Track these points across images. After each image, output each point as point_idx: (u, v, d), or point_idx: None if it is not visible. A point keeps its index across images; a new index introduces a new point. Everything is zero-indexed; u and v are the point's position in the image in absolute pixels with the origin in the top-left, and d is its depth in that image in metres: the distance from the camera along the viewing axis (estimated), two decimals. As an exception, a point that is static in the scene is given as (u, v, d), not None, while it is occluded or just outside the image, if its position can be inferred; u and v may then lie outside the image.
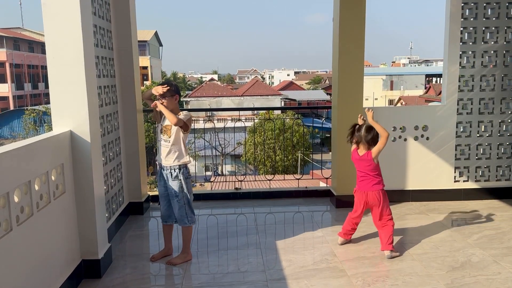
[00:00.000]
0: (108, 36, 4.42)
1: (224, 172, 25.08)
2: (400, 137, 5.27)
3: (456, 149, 5.31)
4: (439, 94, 30.82)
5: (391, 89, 50.84)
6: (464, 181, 5.36)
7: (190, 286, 3.34)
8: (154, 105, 3.61)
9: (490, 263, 3.61)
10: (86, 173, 3.32)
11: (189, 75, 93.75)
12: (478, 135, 5.31)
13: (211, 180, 14.49)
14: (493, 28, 5.16)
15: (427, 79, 52.15)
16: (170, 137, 3.63)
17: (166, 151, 3.65)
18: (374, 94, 45.73)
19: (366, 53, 4.98)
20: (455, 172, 5.34)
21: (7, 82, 41.59)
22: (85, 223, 3.38)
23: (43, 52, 42.81)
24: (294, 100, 44.36)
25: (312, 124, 21.03)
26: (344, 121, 4.96)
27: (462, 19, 5.13)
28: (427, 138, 5.27)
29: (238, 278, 3.42)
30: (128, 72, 4.80)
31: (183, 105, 32.07)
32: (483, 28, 5.16)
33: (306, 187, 5.89)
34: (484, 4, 5.12)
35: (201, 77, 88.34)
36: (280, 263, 3.68)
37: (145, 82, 41.39)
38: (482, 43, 5.18)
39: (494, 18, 5.14)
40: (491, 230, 4.34)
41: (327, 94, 47.41)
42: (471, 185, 5.37)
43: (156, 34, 51.31)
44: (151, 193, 5.43)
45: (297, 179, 6.55)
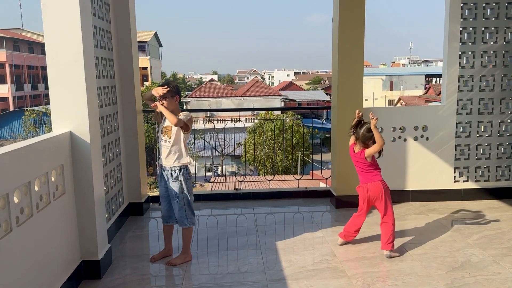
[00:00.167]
0: (108, 37, 4.43)
1: (224, 173, 25.08)
2: (400, 137, 5.27)
3: (455, 149, 5.31)
4: (438, 94, 30.80)
5: (391, 89, 50.85)
6: (464, 181, 5.37)
7: (190, 287, 3.34)
8: (155, 105, 3.62)
9: (490, 263, 3.61)
10: (86, 173, 3.32)
11: (189, 76, 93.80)
12: (477, 135, 5.32)
13: (211, 180, 14.48)
14: (493, 28, 5.16)
15: (427, 79, 52.16)
16: (170, 138, 3.63)
17: (166, 152, 3.65)
18: (374, 94, 45.74)
19: (366, 53, 4.99)
20: (454, 172, 5.34)
21: (7, 83, 41.58)
22: (85, 224, 3.38)
23: (43, 53, 42.85)
24: (294, 100, 44.36)
25: (312, 125, 21.03)
26: (344, 121, 4.97)
27: (461, 19, 5.13)
28: (427, 139, 5.28)
29: (238, 279, 3.42)
30: (127, 73, 4.80)
31: (183, 106, 32.06)
32: (483, 28, 5.17)
33: (306, 187, 5.89)
34: (484, 5, 5.12)
35: (201, 78, 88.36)
36: (280, 263, 3.68)
37: (145, 82, 41.38)
38: (482, 43, 5.19)
39: (493, 18, 5.15)
40: (491, 230, 4.34)
41: (327, 94, 47.42)
42: (471, 185, 5.37)
43: (155, 34, 51.30)
44: (151, 194, 5.43)
45: (297, 179, 6.54)
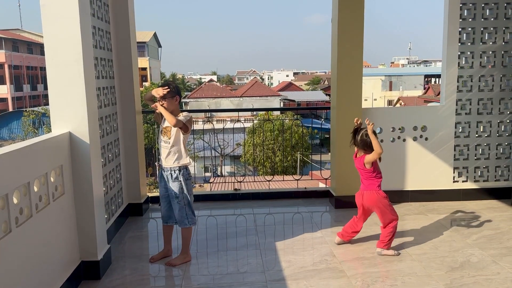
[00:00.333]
0: (107, 37, 4.43)
1: (223, 173, 25.07)
2: (399, 137, 5.27)
3: (455, 150, 5.31)
4: (438, 95, 30.85)
5: (390, 89, 50.88)
6: (463, 181, 5.37)
7: (189, 287, 3.34)
8: (155, 106, 3.62)
9: (489, 263, 3.61)
10: (85, 174, 3.32)
11: (188, 76, 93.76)
12: (477, 135, 5.32)
13: (210, 181, 14.49)
14: (492, 29, 5.17)
15: (426, 79, 52.20)
16: (170, 139, 3.63)
17: (166, 152, 3.66)
18: (373, 94, 45.81)
19: (365, 53, 5.00)
20: (454, 172, 5.35)
21: (6, 84, 41.55)
22: (84, 224, 3.38)
23: (42, 53, 42.80)
24: (293, 101, 44.37)
25: (311, 125, 21.05)
26: (343, 121, 4.97)
27: (460, 20, 5.14)
28: (426, 139, 5.28)
29: (238, 279, 3.42)
30: (127, 73, 4.80)
31: (183, 106, 32.05)
32: (482, 29, 5.17)
33: (305, 187, 5.89)
34: (483, 5, 5.13)
35: (200, 78, 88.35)
36: (279, 264, 3.68)
37: (144, 83, 41.37)
38: (481, 43, 5.20)
39: (492, 19, 5.15)
40: (490, 230, 4.35)
41: (326, 94, 47.46)
42: (470, 185, 5.37)
43: (155, 35, 51.28)
44: (150, 194, 5.43)
45: (296, 180, 6.54)
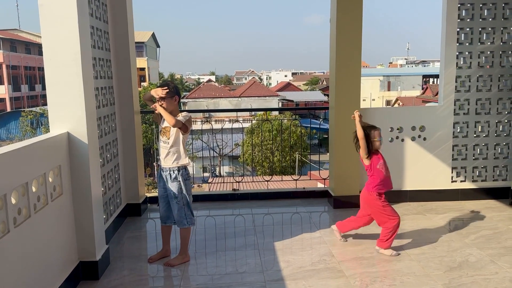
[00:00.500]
0: (105, 37, 4.42)
1: (221, 173, 25.07)
2: (397, 137, 5.28)
3: (453, 150, 5.32)
4: (436, 95, 30.89)
5: (388, 89, 50.97)
6: (461, 181, 5.38)
7: (188, 288, 3.34)
8: (154, 107, 3.62)
9: (487, 263, 3.62)
10: (84, 174, 3.32)
11: (187, 76, 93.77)
12: (475, 135, 5.33)
13: (209, 181, 14.50)
14: (490, 29, 5.18)
15: (424, 79, 52.32)
16: (169, 139, 3.63)
17: (165, 152, 3.65)
18: (372, 95, 45.88)
19: (363, 53, 5.01)
20: (452, 172, 5.35)
21: (4, 84, 41.46)
22: (82, 225, 3.37)
23: (40, 53, 42.53)
24: (292, 101, 44.37)
25: (309, 125, 21.05)
26: (342, 122, 4.98)
27: (458, 20, 5.14)
28: (424, 139, 5.29)
29: (236, 279, 3.42)
30: (125, 74, 4.80)
31: (181, 106, 32.01)
32: (480, 29, 5.18)
33: (304, 188, 5.89)
34: (481, 5, 5.14)
35: (199, 78, 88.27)
36: (278, 264, 3.68)
37: (142, 83, 41.34)
38: (479, 43, 5.21)
39: (490, 19, 5.16)
40: (488, 230, 4.36)
41: (325, 95, 47.46)
42: (468, 185, 5.38)
43: (153, 35, 51.26)
44: (149, 195, 5.42)
45: (295, 180, 6.55)
